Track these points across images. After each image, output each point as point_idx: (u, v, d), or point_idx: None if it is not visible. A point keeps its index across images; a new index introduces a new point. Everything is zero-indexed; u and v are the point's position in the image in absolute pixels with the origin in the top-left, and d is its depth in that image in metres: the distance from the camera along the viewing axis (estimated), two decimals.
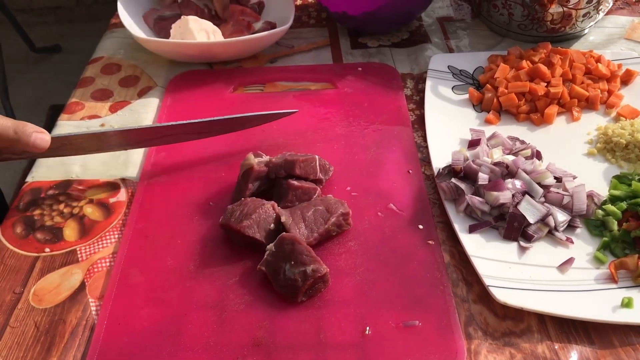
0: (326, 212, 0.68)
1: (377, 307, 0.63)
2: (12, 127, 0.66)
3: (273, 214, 0.68)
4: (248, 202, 0.69)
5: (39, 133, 0.68)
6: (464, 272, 0.67)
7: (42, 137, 0.68)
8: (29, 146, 0.67)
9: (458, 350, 0.59)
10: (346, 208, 0.69)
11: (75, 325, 0.63)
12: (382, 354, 0.59)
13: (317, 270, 0.63)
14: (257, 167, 0.72)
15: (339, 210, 0.68)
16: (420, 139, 0.85)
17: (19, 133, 0.67)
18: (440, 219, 0.73)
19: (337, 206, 0.69)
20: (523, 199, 0.69)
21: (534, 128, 0.84)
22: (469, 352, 0.60)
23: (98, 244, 0.71)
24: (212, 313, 0.63)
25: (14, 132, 0.66)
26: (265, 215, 0.68)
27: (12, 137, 0.66)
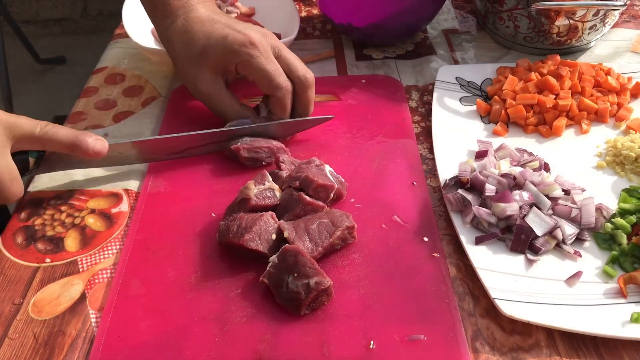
0: (331, 225, 0.67)
1: (381, 321, 0.62)
2: (73, 134, 0.71)
3: (274, 224, 0.67)
4: (243, 215, 0.68)
5: (98, 140, 0.72)
6: (471, 286, 0.66)
7: (101, 142, 0.72)
8: (88, 152, 0.71)
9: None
10: (351, 221, 0.68)
11: (74, 337, 0.62)
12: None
13: (320, 283, 0.61)
14: (254, 202, 0.70)
15: (344, 224, 0.67)
16: (425, 150, 0.84)
17: (80, 139, 0.71)
18: (446, 232, 0.72)
19: (343, 219, 0.68)
20: (530, 211, 0.68)
21: (542, 140, 0.83)
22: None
23: (99, 255, 0.71)
24: (213, 326, 0.62)
25: (75, 138, 0.71)
26: (265, 226, 0.67)
27: (74, 143, 0.70)
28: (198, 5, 0.81)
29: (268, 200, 0.71)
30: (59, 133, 0.70)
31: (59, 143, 0.70)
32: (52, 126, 0.70)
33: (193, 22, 0.79)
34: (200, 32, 0.78)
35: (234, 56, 0.78)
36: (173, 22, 0.80)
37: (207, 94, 0.81)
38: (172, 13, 0.80)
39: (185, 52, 0.79)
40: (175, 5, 0.80)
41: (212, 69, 0.79)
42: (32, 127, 0.69)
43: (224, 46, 0.77)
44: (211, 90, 0.80)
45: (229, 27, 0.79)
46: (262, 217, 0.67)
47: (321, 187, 0.71)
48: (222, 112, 0.82)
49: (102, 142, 0.73)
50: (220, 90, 0.81)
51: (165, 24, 0.81)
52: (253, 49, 0.77)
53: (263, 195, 0.71)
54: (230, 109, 0.82)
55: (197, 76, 0.80)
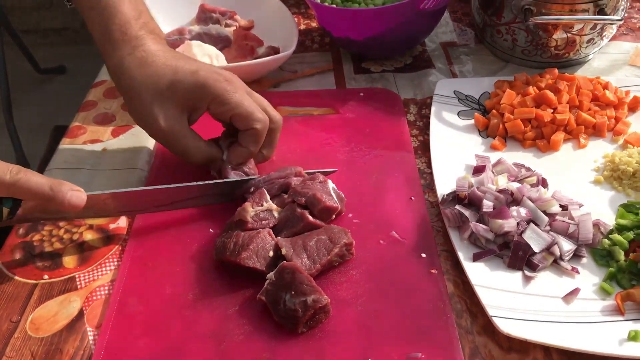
0: (329, 242, 0.67)
1: (379, 339, 0.62)
2: (47, 184, 0.63)
3: (271, 241, 0.68)
4: (240, 232, 0.68)
5: (75, 191, 0.65)
6: (468, 303, 0.66)
7: (78, 194, 0.65)
8: (64, 204, 0.64)
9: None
10: (349, 238, 0.68)
11: (72, 355, 0.62)
12: None
13: (317, 301, 0.61)
14: (250, 224, 0.69)
15: (342, 241, 0.67)
16: (423, 165, 0.84)
17: (55, 190, 0.64)
18: (443, 247, 0.72)
19: (341, 236, 0.68)
20: (528, 227, 0.68)
21: (540, 155, 0.83)
22: None
23: (97, 271, 0.71)
24: (210, 343, 0.62)
25: (49, 189, 0.63)
26: (262, 243, 0.67)
27: (48, 194, 0.63)
28: (151, 38, 0.76)
29: (265, 222, 0.70)
30: (31, 181, 0.63)
31: (31, 192, 0.63)
32: (25, 172, 0.63)
33: (154, 55, 0.74)
34: (165, 66, 0.73)
35: (208, 91, 0.73)
36: (131, 54, 0.74)
37: (170, 131, 0.74)
38: (128, 43, 0.74)
39: (147, 85, 0.73)
40: (132, 34, 0.75)
41: (179, 104, 0.73)
42: (1, 172, 0.62)
43: (196, 81, 0.73)
44: (176, 127, 0.74)
45: (196, 62, 0.76)
46: (259, 234, 0.67)
47: (327, 209, 0.71)
48: (185, 151, 0.76)
49: (79, 194, 0.65)
50: (184, 128, 0.75)
51: (120, 55, 0.74)
52: (228, 85, 0.74)
53: (260, 217, 0.70)
54: (196, 147, 0.75)
55: (159, 112, 0.72)
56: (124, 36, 0.74)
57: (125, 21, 0.75)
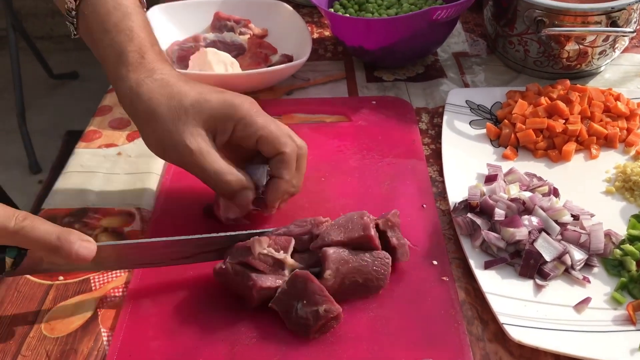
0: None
1: (390, 344, 0.62)
2: (55, 233, 0.59)
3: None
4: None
5: (84, 241, 0.61)
6: (479, 310, 0.66)
7: (87, 245, 0.61)
8: (71, 256, 0.59)
9: None
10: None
11: (86, 356, 0.63)
12: None
13: (329, 311, 0.62)
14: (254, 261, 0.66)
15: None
16: (435, 173, 0.84)
17: (62, 240, 0.59)
18: (455, 255, 0.72)
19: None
20: (539, 236, 0.68)
21: (551, 165, 0.84)
22: None
23: (112, 274, 0.71)
24: (223, 347, 0.62)
25: (56, 238, 0.59)
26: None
27: (55, 244, 0.59)
28: (168, 65, 0.73)
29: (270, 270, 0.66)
30: (38, 229, 0.58)
31: (37, 241, 0.59)
32: (32, 220, 0.59)
33: (175, 77, 0.71)
34: (188, 86, 0.70)
35: (235, 111, 0.69)
36: (149, 76, 0.69)
37: (199, 151, 0.67)
38: (147, 66, 0.70)
39: (170, 104, 0.68)
40: (150, 58, 0.71)
41: (205, 124, 0.68)
42: (5, 218, 0.58)
43: (224, 100, 0.69)
44: (204, 147, 0.68)
45: (215, 88, 0.72)
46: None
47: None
48: (217, 174, 0.68)
49: (88, 244, 0.61)
50: (213, 148, 0.69)
51: (137, 77, 0.69)
52: (254, 106, 0.71)
53: (269, 263, 0.66)
54: (228, 170, 0.69)
55: (185, 130, 0.67)
56: (141, 59, 0.71)
57: (143, 45, 0.72)
